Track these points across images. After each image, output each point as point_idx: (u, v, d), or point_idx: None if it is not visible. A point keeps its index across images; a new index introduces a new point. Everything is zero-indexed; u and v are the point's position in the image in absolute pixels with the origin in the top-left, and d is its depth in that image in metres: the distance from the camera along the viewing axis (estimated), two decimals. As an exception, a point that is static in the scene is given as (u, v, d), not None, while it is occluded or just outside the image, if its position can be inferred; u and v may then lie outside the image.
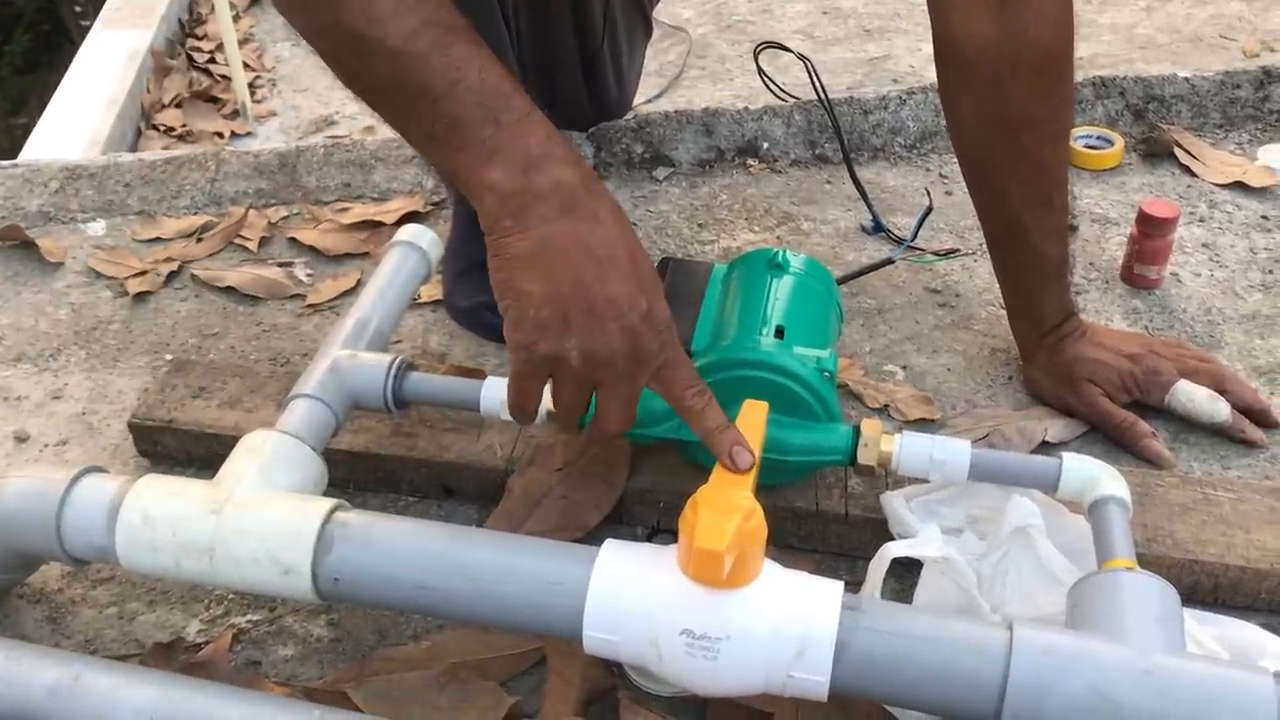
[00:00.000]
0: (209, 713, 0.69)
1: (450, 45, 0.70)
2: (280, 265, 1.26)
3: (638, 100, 1.64)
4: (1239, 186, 1.38)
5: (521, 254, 0.69)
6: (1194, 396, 1.01)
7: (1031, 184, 0.97)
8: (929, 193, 1.34)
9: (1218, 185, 1.39)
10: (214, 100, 2.37)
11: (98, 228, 1.34)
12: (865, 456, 0.84)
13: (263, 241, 1.30)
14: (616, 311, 0.69)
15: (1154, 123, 1.48)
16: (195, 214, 1.36)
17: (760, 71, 1.44)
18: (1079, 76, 1.48)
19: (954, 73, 0.96)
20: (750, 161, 1.44)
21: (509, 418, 0.88)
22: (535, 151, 0.69)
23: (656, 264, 1.01)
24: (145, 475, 0.78)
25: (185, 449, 1.00)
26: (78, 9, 4.37)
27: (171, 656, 0.83)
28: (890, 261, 1.21)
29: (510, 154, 0.69)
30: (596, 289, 0.68)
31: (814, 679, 0.66)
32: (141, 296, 1.22)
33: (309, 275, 1.25)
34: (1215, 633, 0.79)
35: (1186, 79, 1.50)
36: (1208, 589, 0.87)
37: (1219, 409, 1.01)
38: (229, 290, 1.22)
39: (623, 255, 0.70)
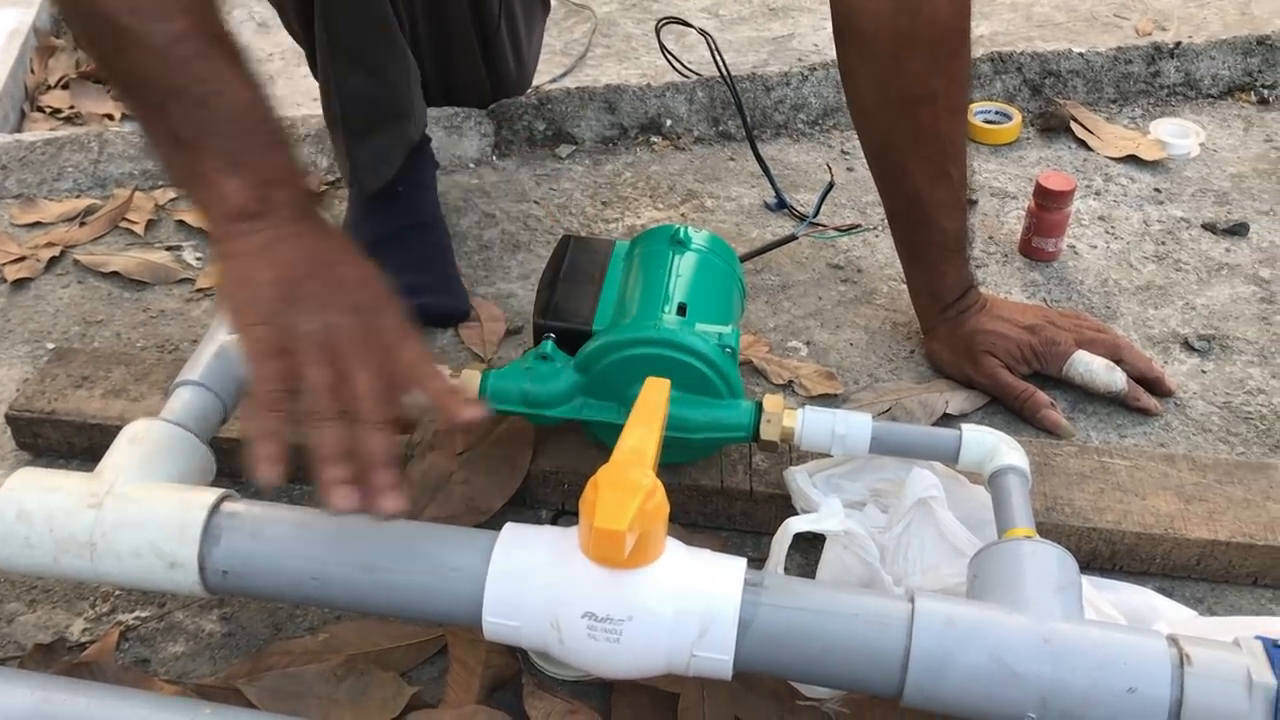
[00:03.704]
0: (91, 715, 0.66)
1: (214, 56, 0.71)
2: (168, 249, 1.22)
3: (543, 79, 1.62)
4: (1133, 160, 1.40)
5: (254, 249, 0.70)
6: (1091, 366, 1.03)
7: (930, 158, 0.97)
8: (831, 169, 1.34)
9: (1112, 159, 1.41)
10: (102, 81, 2.28)
11: (-27, 212, 1.28)
12: (768, 432, 0.83)
13: (149, 225, 1.25)
14: (344, 292, 0.71)
15: (1050, 98, 1.50)
16: (78, 197, 1.30)
17: (663, 48, 1.43)
18: (978, 53, 1.50)
19: (852, 48, 0.96)
20: (654, 139, 1.42)
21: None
22: (277, 175, 0.72)
23: (558, 242, 1.00)
24: (21, 468, 0.74)
25: (68, 441, 0.96)
26: (-43, -13, 4.18)
27: (54, 658, 0.79)
28: (793, 238, 1.21)
29: (254, 170, 0.71)
30: (325, 274, 0.71)
31: (718, 658, 0.66)
32: (21, 283, 1.17)
33: (198, 259, 1.21)
34: (1112, 598, 0.80)
35: (1081, 55, 1.52)
36: (1105, 555, 0.89)
37: (1115, 378, 1.02)
38: (114, 275, 1.18)
39: (349, 259, 0.73)
